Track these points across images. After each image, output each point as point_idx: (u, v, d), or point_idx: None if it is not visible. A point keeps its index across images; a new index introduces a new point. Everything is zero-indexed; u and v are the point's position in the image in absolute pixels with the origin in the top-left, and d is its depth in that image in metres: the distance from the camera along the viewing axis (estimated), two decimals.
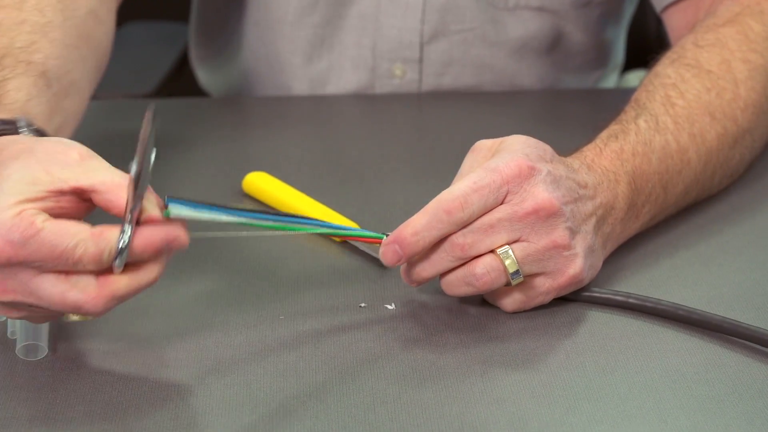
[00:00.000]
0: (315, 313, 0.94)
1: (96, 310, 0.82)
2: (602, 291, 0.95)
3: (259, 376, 0.87)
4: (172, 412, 0.83)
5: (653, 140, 1.02)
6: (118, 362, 0.88)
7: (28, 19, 1.03)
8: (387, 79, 1.37)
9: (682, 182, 1.04)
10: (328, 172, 1.17)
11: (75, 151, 0.84)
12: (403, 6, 1.34)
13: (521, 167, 0.90)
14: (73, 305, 0.82)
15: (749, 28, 1.12)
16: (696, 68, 1.08)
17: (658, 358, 0.89)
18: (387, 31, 1.35)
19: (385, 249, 0.91)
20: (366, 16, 1.35)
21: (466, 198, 0.89)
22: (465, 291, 0.92)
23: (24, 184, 0.82)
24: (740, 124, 1.08)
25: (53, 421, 0.83)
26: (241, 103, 1.41)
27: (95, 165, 0.84)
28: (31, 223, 0.80)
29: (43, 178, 0.82)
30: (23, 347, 0.88)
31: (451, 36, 1.35)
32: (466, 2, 1.33)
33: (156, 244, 0.82)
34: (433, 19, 1.34)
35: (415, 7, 1.34)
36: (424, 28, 1.35)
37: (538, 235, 0.91)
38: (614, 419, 0.83)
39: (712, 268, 1.00)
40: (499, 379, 0.87)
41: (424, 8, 1.34)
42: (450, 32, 1.35)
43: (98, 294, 0.82)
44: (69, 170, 0.83)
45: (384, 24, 1.35)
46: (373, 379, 0.87)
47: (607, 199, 0.96)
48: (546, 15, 1.34)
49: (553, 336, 0.92)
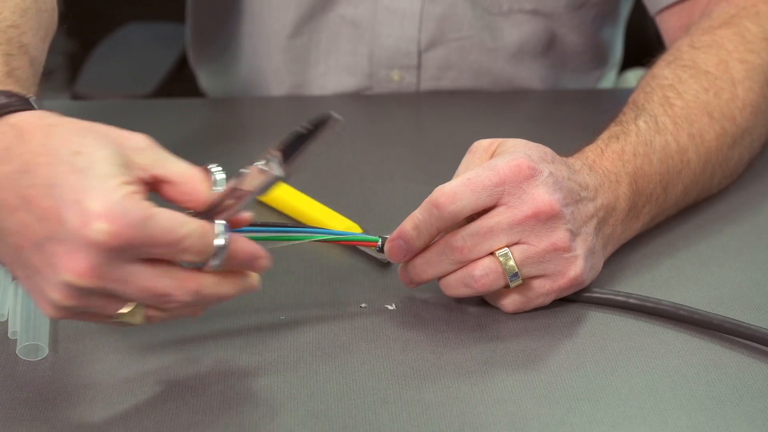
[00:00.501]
0: (316, 313, 0.94)
1: (181, 300, 0.79)
2: (603, 291, 0.95)
3: (259, 375, 0.87)
4: (172, 412, 0.83)
5: (654, 141, 1.02)
6: (119, 362, 0.88)
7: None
8: (385, 83, 1.37)
9: (682, 182, 1.04)
10: (328, 172, 1.16)
11: (139, 136, 0.81)
12: (399, 15, 1.33)
13: (521, 167, 0.90)
14: (162, 293, 0.79)
15: (746, 29, 1.12)
16: (693, 69, 1.08)
17: (659, 359, 0.89)
18: (384, 40, 1.34)
19: (390, 245, 0.92)
20: (362, 25, 1.34)
21: (455, 193, 0.89)
22: (463, 292, 0.92)
23: (117, 165, 0.77)
24: (739, 124, 1.08)
25: (54, 421, 0.83)
26: (240, 104, 1.41)
27: (165, 154, 0.81)
28: (145, 206, 0.76)
29: (128, 162, 0.78)
30: (24, 347, 0.88)
31: (449, 44, 1.35)
32: (463, 11, 1.33)
33: (246, 253, 0.81)
34: (430, 28, 1.34)
35: (412, 17, 1.33)
36: (421, 37, 1.34)
37: (538, 238, 0.91)
38: (615, 419, 0.83)
39: (713, 268, 1.00)
40: (500, 379, 0.87)
41: (421, 17, 1.33)
42: (447, 40, 1.34)
43: (186, 285, 0.80)
44: (145, 157, 0.79)
45: (381, 33, 1.34)
46: (373, 379, 0.87)
47: (608, 201, 0.96)
48: (540, 18, 1.34)
49: (553, 336, 0.92)
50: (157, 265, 0.79)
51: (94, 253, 0.76)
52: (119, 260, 0.77)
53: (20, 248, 0.79)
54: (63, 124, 0.80)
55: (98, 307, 0.80)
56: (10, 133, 0.80)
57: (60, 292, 0.78)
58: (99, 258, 0.76)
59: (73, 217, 0.76)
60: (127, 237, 0.76)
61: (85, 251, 0.76)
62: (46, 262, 0.78)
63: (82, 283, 0.77)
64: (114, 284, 0.78)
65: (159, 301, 0.80)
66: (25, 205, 0.78)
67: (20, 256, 0.79)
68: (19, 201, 0.78)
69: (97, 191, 0.76)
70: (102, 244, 0.76)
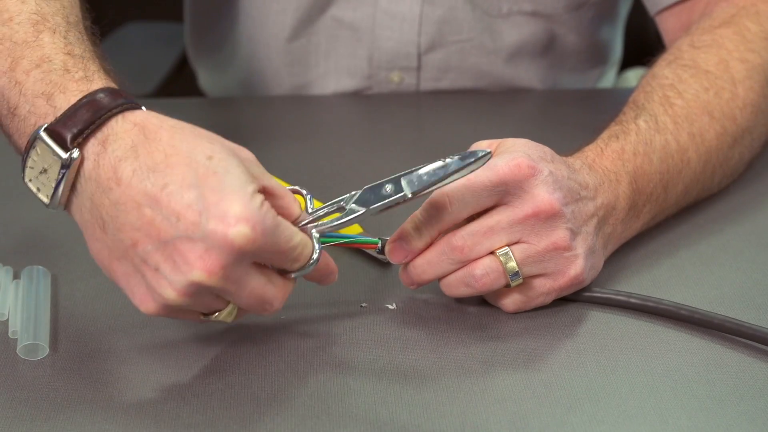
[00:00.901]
0: (316, 313, 0.94)
1: (277, 307, 0.84)
2: (603, 291, 0.95)
3: (259, 376, 0.87)
4: (172, 412, 0.83)
5: (654, 140, 1.02)
6: (119, 362, 0.88)
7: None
8: (384, 84, 1.37)
9: (683, 182, 1.04)
10: (328, 172, 1.16)
11: (246, 150, 0.84)
12: (399, 19, 1.33)
13: (521, 166, 0.90)
14: (265, 299, 0.83)
15: (746, 29, 1.12)
16: (693, 68, 1.08)
17: (660, 358, 0.89)
18: (384, 43, 1.34)
19: (391, 246, 0.92)
20: (361, 29, 1.34)
21: (456, 194, 0.89)
22: (464, 292, 0.92)
23: (247, 174, 0.80)
24: (739, 123, 1.08)
25: (54, 420, 0.83)
26: (240, 104, 1.41)
27: (263, 168, 0.84)
28: (274, 214, 0.80)
29: (252, 172, 0.82)
30: (24, 347, 0.88)
31: (449, 46, 1.35)
32: (463, 13, 1.33)
33: (326, 267, 0.87)
34: (430, 31, 1.34)
35: (411, 20, 1.33)
36: (421, 40, 1.34)
37: (538, 237, 0.91)
38: (615, 419, 0.83)
39: (714, 267, 1.00)
40: (500, 379, 0.87)
41: (421, 21, 1.33)
42: (447, 43, 1.34)
43: (284, 293, 0.84)
44: (255, 168, 0.83)
45: (380, 36, 1.34)
46: (374, 378, 0.87)
47: (608, 200, 0.96)
48: (540, 19, 1.34)
49: (554, 336, 0.92)
50: (265, 272, 0.83)
51: (227, 253, 0.79)
52: (243, 263, 0.80)
53: (136, 245, 0.80)
54: (184, 127, 0.82)
55: (202, 306, 0.83)
56: (134, 131, 0.82)
57: (179, 290, 0.80)
58: (230, 259, 0.79)
59: (213, 218, 0.78)
60: (261, 242, 0.79)
61: (219, 251, 0.78)
62: (170, 260, 0.79)
63: (209, 282, 0.79)
64: (231, 285, 0.81)
65: (260, 306, 0.84)
66: (152, 203, 0.79)
67: (134, 253, 0.81)
68: (145, 198, 0.79)
69: (238, 196, 0.78)
70: (239, 246, 0.78)
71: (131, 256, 0.81)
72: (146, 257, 0.80)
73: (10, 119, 0.86)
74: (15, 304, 0.93)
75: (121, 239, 0.81)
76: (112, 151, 0.81)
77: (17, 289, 0.95)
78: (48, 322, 0.91)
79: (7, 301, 0.93)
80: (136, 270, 0.81)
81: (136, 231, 0.80)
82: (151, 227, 0.79)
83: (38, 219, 1.06)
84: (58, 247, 1.02)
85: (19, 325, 0.90)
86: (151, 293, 0.81)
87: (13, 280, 0.96)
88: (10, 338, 0.90)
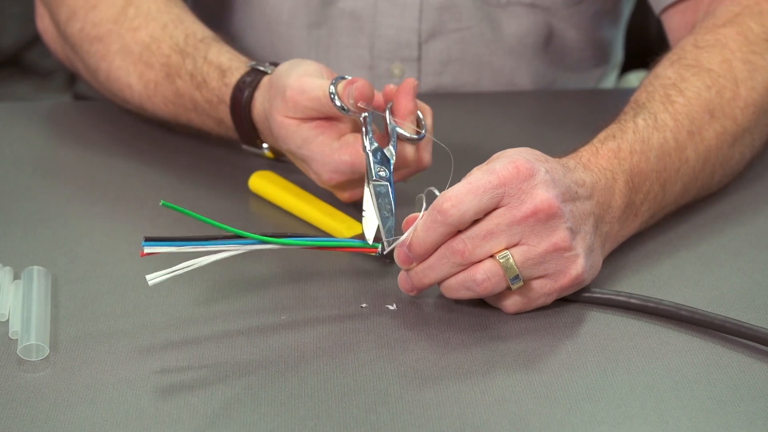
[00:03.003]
0: (316, 313, 0.94)
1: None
2: (604, 291, 0.95)
3: (260, 376, 0.87)
4: (173, 412, 0.83)
5: (651, 138, 1.01)
6: (119, 362, 0.88)
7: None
8: (386, 78, 1.37)
9: (681, 180, 1.04)
10: None
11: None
12: (400, 6, 1.34)
13: (519, 168, 0.90)
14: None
15: (749, 29, 1.12)
16: (696, 67, 1.08)
17: (660, 359, 0.89)
18: (384, 30, 1.35)
19: (397, 251, 0.92)
20: (362, 16, 1.35)
21: (458, 198, 0.89)
22: (465, 295, 0.92)
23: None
24: (740, 123, 1.08)
25: (54, 421, 0.83)
26: None
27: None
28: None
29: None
30: (24, 347, 0.88)
31: (449, 35, 1.35)
32: (462, 1, 1.33)
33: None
34: (430, 18, 1.34)
35: (412, 7, 1.34)
36: (421, 27, 1.35)
37: (538, 238, 0.91)
38: (615, 420, 0.83)
39: (714, 268, 1.00)
40: (501, 380, 0.87)
41: (422, 7, 1.34)
42: (447, 31, 1.35)
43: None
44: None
45: (381, 24, 1.35)
46: (374, 379, 0.87)
47: (603, 198, 0.96)
48: (539, 12, 1.35)
49: (554, 336, 0.92)
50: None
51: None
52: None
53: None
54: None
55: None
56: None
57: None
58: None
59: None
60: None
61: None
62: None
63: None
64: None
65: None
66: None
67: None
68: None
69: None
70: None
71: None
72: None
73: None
74: (15, 304, 0.93)
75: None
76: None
77: (17, 289, 0.95)
78: (48, 323, 0.91)
79: (8, 302, 0.93)
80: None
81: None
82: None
83: (38, 219, 1.06)
84: (58, 247, 1.02)
85: (19, 325, 0.90)
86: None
87: (13, 281, 0.96)
88: (11, 339, 0.90)
